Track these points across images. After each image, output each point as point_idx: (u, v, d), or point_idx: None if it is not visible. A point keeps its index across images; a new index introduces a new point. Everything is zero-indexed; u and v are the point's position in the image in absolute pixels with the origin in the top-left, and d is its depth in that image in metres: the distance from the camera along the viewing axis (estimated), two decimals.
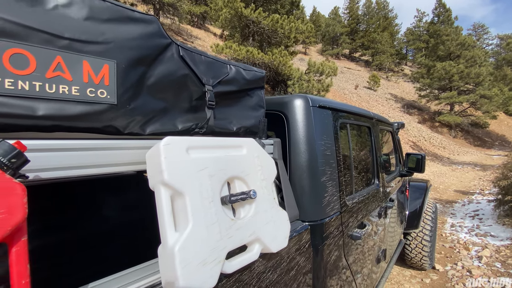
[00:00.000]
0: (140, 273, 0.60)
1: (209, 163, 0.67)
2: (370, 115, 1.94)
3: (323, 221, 1.18)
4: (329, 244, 1.21)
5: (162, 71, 0.75)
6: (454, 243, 4.18)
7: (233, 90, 1.00)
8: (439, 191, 8.26)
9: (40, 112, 0.53)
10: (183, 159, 0.62)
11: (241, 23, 13.65)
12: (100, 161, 0.59)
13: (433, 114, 24.91)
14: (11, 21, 0.50)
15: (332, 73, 14.28)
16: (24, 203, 0.39)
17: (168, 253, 0.55)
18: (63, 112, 0.56)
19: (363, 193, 1.65)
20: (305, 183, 1.17)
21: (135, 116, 0.69)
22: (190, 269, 0.54)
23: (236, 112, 1.03)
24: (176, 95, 0.81)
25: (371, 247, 1.74)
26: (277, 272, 0.90)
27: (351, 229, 1.43)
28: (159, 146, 0.60)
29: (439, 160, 15.73)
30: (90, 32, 0.60)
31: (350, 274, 1.41)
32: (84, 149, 0.57)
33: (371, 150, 1.92)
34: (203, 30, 24.67)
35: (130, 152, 0.66)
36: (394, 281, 3.26)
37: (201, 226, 0.59)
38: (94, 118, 0.61)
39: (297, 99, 1.25)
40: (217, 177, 0.68)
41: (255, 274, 0.81)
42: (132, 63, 0.67)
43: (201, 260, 0.57)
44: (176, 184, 0.58)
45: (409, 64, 44.25)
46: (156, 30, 0.74)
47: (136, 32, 0.69)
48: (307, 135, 1.21)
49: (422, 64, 26.02)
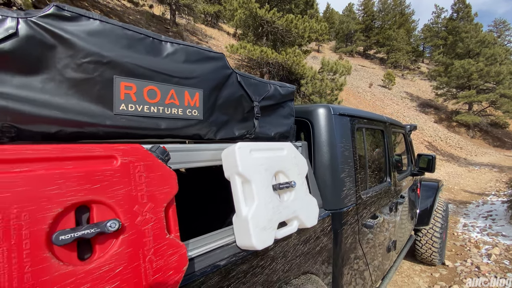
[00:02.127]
0: (221, 235, 0.88)
1: (264, 160, 0.94)
2: (383, 119, 2.16)
3: (342, 210, 1.44)
4: (346, 229, 1.47)
5: (227, 93, 1.03)
6: (465, 241, 4.30)
7: (272, 104, 1.27)
8: (454, 191, 8.25)
9: (162, 126, 0.82)
10: (249, 158, 0.89)
11: (255, 23, 13.82)
12: (196, 158, 0.88)
13: (450, 114, 24.29)
14: (146, 67, 0.78)
15: (346, 72, 14.26)
16: (176, 183, 0.67)
17: (242, 221, 0.83)
18: (173, 126, 0.85)
19: (376, 189, 1.88)
20: (327, 178, 1.43)
21: (211, 127, 0.97)
22: (257, 231, 0.82)
23: (273, 121, 1.30)
24: (234, 110, 1.08)
25: (382, 236, 1.97)
26: (307, 246, 1.17)
27: (365, 219, 1.67)
28: (234, 148, 0.88)
29: (455, 161, 15.44)
30: (187, 71, 0.88)
31: (363, 255, 1.66)
32: (191, 150, 0.86)
33: (384, 151, 2.14)
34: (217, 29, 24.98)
35: (209, 153, 0.94)
36: (404, 275, 3.45)
37: (262, 203, 0.86)
38: (189, 129, 0.89)
39: (320, 108, 1.50)
40: (269, 171, 0.95)
41: (292, 245, 1.08)
42: (211, 90, 0.95)
43: (263, 226, 0.84)
44: (246, 174, 0.86)
45: (426, 62, 43.05)
46: (224, 63, 1.01)
47: (213, 67, 0.96)
48: (329, 138, 1.46)
49: (439, 62, 25.38)
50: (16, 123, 0.58)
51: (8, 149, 0.45)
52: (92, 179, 0.52)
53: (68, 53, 0.65)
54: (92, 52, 0.67)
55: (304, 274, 1.14)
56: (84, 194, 0.50)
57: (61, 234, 0.45)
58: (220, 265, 0.80)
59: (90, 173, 0.52)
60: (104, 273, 0.49)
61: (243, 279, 0.85)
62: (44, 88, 0.62)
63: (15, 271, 0.40)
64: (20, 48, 0.58)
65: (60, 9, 0.64)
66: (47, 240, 0.45)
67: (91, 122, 0.68)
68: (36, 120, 0.60)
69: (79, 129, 0.66)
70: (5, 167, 0.43)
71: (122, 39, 0.74)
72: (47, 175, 0.47)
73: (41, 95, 0.62)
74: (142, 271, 0.53)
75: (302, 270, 1.14)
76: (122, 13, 13.24)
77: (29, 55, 0.60)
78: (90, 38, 0.68)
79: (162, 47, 0.83)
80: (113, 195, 0.54)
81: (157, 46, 0.82)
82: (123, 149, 0.59)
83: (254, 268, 0.90)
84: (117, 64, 0.72)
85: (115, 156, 0.57)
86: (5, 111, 0.56)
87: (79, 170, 0.51)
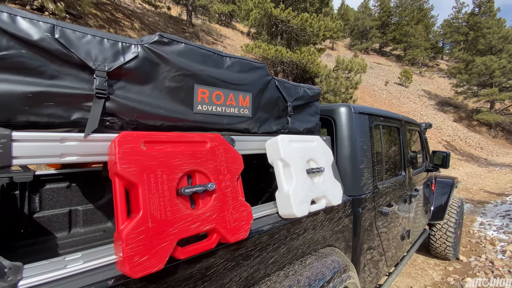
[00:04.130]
0: (266, 207, 1.13)
1: (299, 150, 1.18)
2: (399, 117, 2.34)
3: (361, 196, 1.65)
4: (364, 213, 1.68)
5: (268, 95, 1.27)
6: (481, 239, 4.35)
7: (301, 103, 1.50)
8: (472, 191, 8.15)
9: (224, 122, 1.07)
10: (288, 147, 1.13)
11: (270, 22, 13.95)
12: (246, 147, 1.12)
13: (471, 112, 23.48)
14: (214, 77, 1.03)
15: (361, 70, 14.16)
16: (242, 162, 0.92)
17: (285, 195, 1.07)
18: (231, 122, 1.10)
19: (392, 181, 2.07)
20: (348, 168, 1.64)
21: (256, 123, 1.21)
22: (296, 203, 1.06)
23: (302, 118, 1.52)
24: (273, 109, 1.32)
25: (396, 224, 2.16)
26: (331, 223, 1.40)
27: (381, 206, 1.87)
28: (277, 139, 1.12)
29: (475, 161, 15.02)
30: (241, 78, 1.12)
31: (379, 238, 1.86)
32: (243, 141, 1.11)
33: (400, 146, 2.32)
34: (231, 28, 25.24)
35: (255, 143, 1.18)
36: (418, 267, 3.59)
37: (299, 182, 1.10)
38: (241, 124, 1.14)
39: (342, 107, 1.71)
40: (303, 158, 1.18)
41: (319, 220, 1.31)
42: (257, 93, 1.19)
43: (300, 199, 1.08)
44: (287, 159, 1.10)
45: (446, 59, 41.61)
46: (266, 71, 1.25)
47: (258, 75, 1.21)
48: (349, 134, 1.67)
49: (460, 59, 24.56)
50: (138, 118, 0.84)
51: (153, 134, 0.71)
52: (195, 156, 0.77)
53: (166, 69, 0.91)
54: (181, 67, 0.93)
55: (329, 247, 1.37)
56: (192, 165, 0.75)
57: (185, 189, 0.70)
58: (267, 229, 1.05)
59: (194, 152, 0.77)
60: (207, 217, 0.74)
61: (283, 241, 1.09)
62: (152, 93, 0.89)
63: (163, 209, 0.66)
64: (139, 66, 0.85)
65: (161, 37, 0.90)
66: (176, 192, 0.70)
67: (180, 118, 0.94)
68: (149, 116, 0.86)
69: (173, 123, 0.92)
70: (153, 145, 0.69)
71: (199, 56, 0.99)
72: (173, 151, 0.72)
73: (151, 99, 0.88)
74: (227, 219, 0.78)
75: (327, 242, 1.36)
76: (142, 15, 13.78)
77: (143, 71, 0.86)
78: (179, 57, 0.93)
79: (223, 61, 1.08)
80: (207, 167, 0.79)
81: (220, 60, 1.07)
82: (210, 137, 0.84)
83: (291, 234, 1.14)
84: (197, 75, 0.97)
85: (206, 141, 0.82)
86: (132, 110, 0.83)
87: (188, 149, 0.76)
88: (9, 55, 0.63)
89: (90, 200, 1.92)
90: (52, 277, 0.60)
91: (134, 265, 0.58)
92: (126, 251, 0.57)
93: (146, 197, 0.63)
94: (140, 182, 0.63)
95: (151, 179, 0.65)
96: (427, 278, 3.29)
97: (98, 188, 1.91)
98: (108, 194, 1.99)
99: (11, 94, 0.63)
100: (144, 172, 0.65)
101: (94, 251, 0.69)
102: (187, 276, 0.76)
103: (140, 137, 0.68)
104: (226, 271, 0.86)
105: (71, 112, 0.72)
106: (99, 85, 0.74)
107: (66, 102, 0.71)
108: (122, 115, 0.80)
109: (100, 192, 1.95)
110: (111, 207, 1.97)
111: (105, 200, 1.97)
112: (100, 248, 0.71)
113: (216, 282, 0.83)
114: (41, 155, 0.65)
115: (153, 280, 0.68)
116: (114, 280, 0.64)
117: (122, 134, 0.66)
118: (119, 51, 0.80)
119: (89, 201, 1.91)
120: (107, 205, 1.97)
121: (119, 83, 0.80)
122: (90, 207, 1.90)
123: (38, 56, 0.67)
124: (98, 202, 1.94)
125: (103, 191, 1.97)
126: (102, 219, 1.97)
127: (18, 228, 1.57)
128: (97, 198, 1.93)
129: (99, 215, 1.95)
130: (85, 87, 0.74)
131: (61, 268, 0.62)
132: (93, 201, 1.93)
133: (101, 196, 1.96)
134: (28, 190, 1.61)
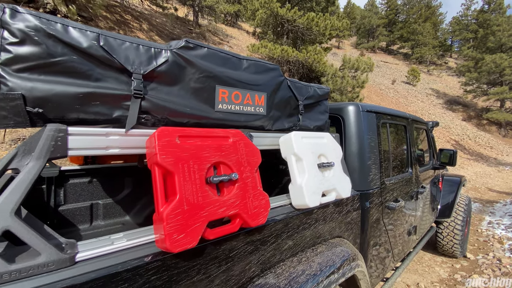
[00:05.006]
0: (280, 198, 1.21)
1: (310, 145, 1.26)
2: (406, 115, 2.39)
3: (368, 191, 1.72)
4: (372, 208, 1.75)
5: (281, 95, 1.35)
6: (489, 237, 4.35)
7: (312, 102, 1.58)
8: (481, 191, 8.08)
9: (241, 119, 1.16)
10: (301, 142, 1.21)
11: (276, 22, 13.97)
12: (261, 143, 1.21)
13: (480, 111, 23.09)
14: (233, 78, 1.12)
15: (368, 69, 14.08)
16: (260, 156, 1.01)
17: (298, 187, 1.15)
18: (248, 119, 1.19)
19: (398, 177, 2.13)
20: (356, 164, 1.72)
21: (270, 121, 1.30)
22: (309, 194, 1.14)
23: (312, 116, 1.60)
24: (285, 107, 1.40)
25: (403, 219, 2.22)
26: (340, 216, 1.48)
27: (388, 201, 1.94)
28: (291, 136, 1.20)
29: (485, 161, 14.80)
30: (256, 79, 1.21)
31: (386, 232, 1.93)
32: (258, 137, 1.20)
33: (406, 144, 2.38)
34: (236, 28, 25.30)
35: (269, 139, 1.27)
36: (425, 265, 3.62)
37: (311, 175, 1.18)
38: (257, 122, 1.23)
39: (350, 106, 1.79)
40: (315, 153, 1.26)
41: (329, 212, 1.39)
42: (271, 92, 1.28)
43: (312, 191, 1.16)
44: (299, 154, 1.18)
45: (454, 56, 40.92)
46: (279, 72, 1.34)
47: (272, 76, 1.29)
48: (357, 131, 1.74)
49: (469, 57, 24.17)
50: (168, 116, 0.94)
51: (185, 129, 0.81)
52: (220, 149, 0.86)
53: (192, 71, 1.00)
54: (204, 70, 1.02)
55: (338, 238, 1.45)
56: (218, 157, 0.84)
57: (214, 177, 0.80)
58: (281, 218, 1.13)
59: (219, 145, 0.86)
60: (231, 203, 0.83)
61: (296, 229, 1.18)
62: (179, 94, 0.98)
63: (195, 194, 0.76)
64: (169, 69, 0.94)
65: (188, 42, 0.99)
66: (205, 180, 0.80)
67: (203, 116, 1.03)
68: (177, 114, 0.96)
69: (197, 120, 1.02)
70: (185, 139, 0.79)
71: (219, 59, 1.08)
72: (202, 145, 0.82)
73: (178, 99, 0.97)
74: (248, 205, 0.87)
75: (336, 234, 1.44)
76: (150, 16, 13.98)
77: (172, 73, 0.95)
78: (202, 60, 1.02)
79: (241, 63, 1.17)
80: (230, 159, 0.88)
81: (238, 63, 1.16)
82: (232, 132, 0.93)
83: (303, 224, 1.23)
84: (218, 77, 1.06)
85: (229, 136, 0.91)
86: (163, 108, 0.92)
87: (214, 143, 0.85)
88: (64, 61, 0.73)
89: (110, 194, 2.04)
90: (103, 252, 0.69)
91: (173, 241, 0.67)
92: (167, 229, 0.67)
93: (181, 184, 0.72)
94: (176, 171, 0.72)
95: (185, 168, 0.74)
96: (434, 275, 3.33)
97: (116, 183, 2.03)
98: (126, 189, 2.11)
99: (65, 95, 0.73)
100: (179, 162, 0.74)
101: (134, 232, 0.79)
102: (213, 256, 0.85)
103: (175, 132, 0.78)
104: (246, 254, 0.95)
105: (113, 110, 0.82)
106: (136, 87, 0.84)
107: (109, 101, 0.81)
108: (155, 113, 0.90)
109: (119, 188, 2.06)
110: (128, 202, 2.09)
111: (123, 195, 2.09)
112: (138, 229, 0.81)
113: (237, 263, 0.92)
114: (90, 147, 0.75)
115: (186, 258, 0.78)
116: (152, 256, 0.74)
117: (160, 129, 0.76)
118: (152, 56, 0.90)
119: (108, 196, 2.03)
120: (125, 200, 2.09)
121: (152, 85, 0.90)
122: (109, 201, 2.02)
123: (86, 61, 0.77)
124: (117, 197, 2.06)
125: (122, 186, 2.09)
126: (121, 212, 2.09)
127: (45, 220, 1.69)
128: (116, 193, 2.05)
129: (118, 209, 2.07)
130: (124, 88, 0.84)
131: (109, 245, 0.72)
132: (112, 196, 2.04)
133: (119, 191, 2.08)
134: (54, 185, 1.73)
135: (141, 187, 2.15)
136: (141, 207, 2.15)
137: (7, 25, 0.67)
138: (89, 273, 0.63)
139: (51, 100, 0.71)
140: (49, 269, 0.61)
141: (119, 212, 2.09)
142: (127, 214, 2.13)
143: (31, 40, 0.68)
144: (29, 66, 0.69)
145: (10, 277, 0.57)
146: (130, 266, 0.68)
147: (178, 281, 0.76)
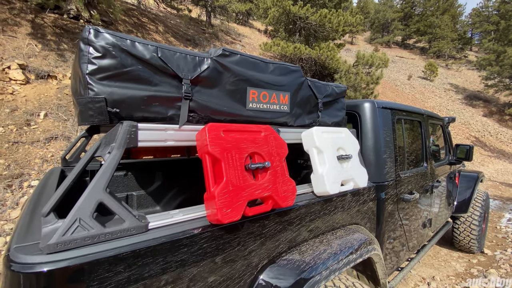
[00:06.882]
0: (303, 186, 1.36)
1: (330, 139, 1.40)
2: (421, 111, 2.47)
3: (384, 183, 1.83)
4: (387, 199, 1.86)
5: (301, 94, 1.50)
6: (508, 234, 4.30)
7: (330, 100, 1.71)
8: (501, 189, 7.86)
9: (268, 117, 1.31)
10: (321, 137, 1.35)
11: (288, 20, 13.96)
12: (286, 137, 1.36)
13: (502, 106, 22.10)
14: (262, 80, 1.28)
15: (383, 64, 13.82)
16: (287, 148, 1.16)
17: (319, 176, 1.29)
18: (274, 116, 1.34)
19: (413, 171, 2.22)
20: (372, 158, 1.83)
21: (293, 117, 1.45)
22: (329, 182, 1.28)
23: (331, 113, 1.73)
24: (306, 105, 1.54)
25: (418, 211, 2.31)
26: (358, 204, 1.60)
27: (403, 193, 2.04)
28: (312, 131, 1.34)
29: (506, 158, 14.24)
30: (281, 80, 1.36)
31: (401, 222, 2.03)
32: (283, 132, 1.35)
33: (421, 139, 2.45)
34: (248, 27, 25.37)
35: (292, 134, 1.42)
36: (441, 259, 3.65)
37: (331, 166, 1.32)
38: (281, 118, 1.38)
39: (366, 103, 1.90)
40: (334, 146, 1.40)
41: (347, 201, 1.52)
42: (293, 92, 1.42)
43: (332, 180, 1.30)
44: (320, 146, 1.32)
45: (475, 50, 39.23)
46: (300, 73, 1.48)
47: (294, 77, 1.43)
48: (373, 127, 1.86)
49: (490, 50, 23.14)
50: (210, 114, 1.11)
51: (227, 125, 0.97)
52: (255, 141, 1.02)
53: (228, 75, 1.16)
54: (238, 74, 1.18)
55: (356, 224, 1.58)
56: (253, 148, 1.00)
57: (251, 164, 0.96)
58: (305, 204, 1.28)
59: (254, 138, 1.02)
60: (265, 187, 0.99)
61: (318, 214, 1.32)
62: (218, 95, 1.14)
63: (237, 178, 0.92)
64: (210, 74, 1.11)
65: (224, 51, 1.15)
66: (244, 167, 0.96)
67: (237, 113, 1.19)
68: (217, 112, 1.12)
69: (232, 118, 1.18)
70: (228, 133, 0.95)
71: (249, 64, 1.24)
72: (241, 138, 0.98)
73: (217, 99, 1.14)
74: (278, 189, 1.03)
75: (354, 220, 1.57)
76: (164, 18, 14.36)
77: (213, 77, 1.12)
78: (236, 66, 1.18)
79: (267, 66, 1.32)
80: (263, 150, 1.03)
81: (265, 66, 1.31)
82: (264, 127, 1.09)
83: (324, 210, 1.37)
84: (249, 80, 1.22)
85: (261, 131, 1.07)
86: (206, 108, 1.09)
87: (250, 137, 1.01)
88: (132, 70, 0.91)
89: (142, 187, 2.25)
90: (167, 223, 0.87)
91: (223, 214, 0.84)
92: (218, 204, 0.83)
93: (227, 169, 0.89)
94: (223, 158, 0.89)
95: (229, 157, 0.91)
96: (450, 269, 3.36)
97: (148, 177, 2.24)
98: (156, 182, 2.32)
99: (135, 97, 0.91)
100: (224, 151, 0.90)
101: (188, 209, 0.97)
102: (250, 232, 1.01)
103: (220, 127, 0.94)
104: (276, 232, 1.11)
105: (168, 110, 0.99)
106: (186, 90, 1.01)
107: (165, 103, 0.98)
108: (199, 112, 1.06)
109: (150, 180, 2.27)
110: (158, 194, 2.30)
111: (154, 187, 2.30)
112: (191, 207, 0.99)
113: (269, 239, 1.08)
114: (153, 140, 0.92)
115: (229, 231, 0.94)
116: (203, 228, 0.90)
117: (209, 124, 0.93)
118: (197, 63, 1.06)
119: (141, 188, 2.25)
120: (155, 192, 2.30)
121: (197, 88, 1.07)
122: (142, 192, 2.24)
123: (148, 70, 0.95)
124: (148, 189, 2.27)
125: (152, 179, 2.30)
126: (152, 203, 2.31)
127: None
128: (147, 185, 2.26)
129: (149, 200, 2.28)
130: (175, 91, 1.01)
131: (169, 217, 0.89)
132: (144, 188, 2.26)
133: (150, 184, 2.29)
134: None
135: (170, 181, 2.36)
136: (171, 198, 2.36)
137: (92, 42, 0.85)
138: (160, 238, 0.80)
139: (124, 102, 0.89)
140: (131, 233, 0.79)
141: (151, 202, 2.30)
142: (158, 204, 2.34)
143: (110, 54, 0.86)
144: (108, 75, 0.87)
145: (105, 238, 0.75)
146: (189, 235, 0.85)
147: (223, 249, 0.92)
